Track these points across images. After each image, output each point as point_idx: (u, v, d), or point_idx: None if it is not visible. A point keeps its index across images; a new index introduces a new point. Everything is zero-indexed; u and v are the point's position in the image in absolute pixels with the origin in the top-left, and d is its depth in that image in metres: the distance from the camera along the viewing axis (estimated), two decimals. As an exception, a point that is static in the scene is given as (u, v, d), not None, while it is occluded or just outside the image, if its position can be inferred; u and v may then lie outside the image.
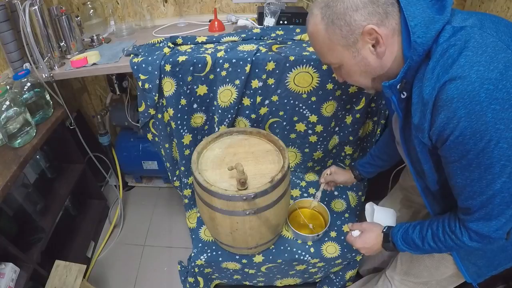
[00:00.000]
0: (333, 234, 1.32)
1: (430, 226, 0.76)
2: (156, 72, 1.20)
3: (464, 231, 0.69)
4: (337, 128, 1.43)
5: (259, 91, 1.30)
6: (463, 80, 0.54)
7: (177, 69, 1.22)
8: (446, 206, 0.79)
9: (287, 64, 1.21)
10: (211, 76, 1.27)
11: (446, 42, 0.58)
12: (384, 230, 0.89)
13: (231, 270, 1.31)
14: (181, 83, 1.25)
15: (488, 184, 0.60)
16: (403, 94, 0.67)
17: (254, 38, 1.36)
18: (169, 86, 1.24)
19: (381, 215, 1.00)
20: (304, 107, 1.33)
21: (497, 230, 0.65)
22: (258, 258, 1.26)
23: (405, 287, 1.07)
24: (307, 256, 1.24)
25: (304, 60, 1.20)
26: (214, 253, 1.29)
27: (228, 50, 1.25)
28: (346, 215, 1.39)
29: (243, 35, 1.36)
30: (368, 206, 1.07)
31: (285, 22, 1.48)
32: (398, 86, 0.66)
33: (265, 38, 1.36)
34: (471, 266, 0.86)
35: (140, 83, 1.24)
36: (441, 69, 0.57)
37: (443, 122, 0.58)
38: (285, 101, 1.32)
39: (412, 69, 0.63)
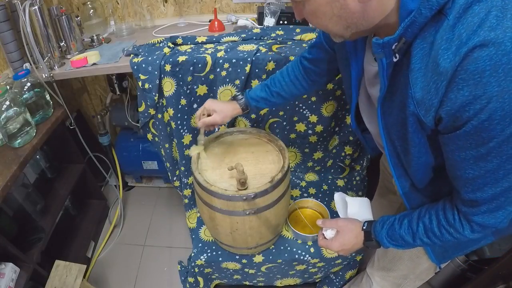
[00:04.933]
0: (333, 234, 1.31)
1: (421, 220, 0.67)
2: (156, 72, 1.20)
3: (466, 224, 0.61)
4: (337, 128, 1.43)
5: (259, 91, 1.30)
6: (497, 47, 0.42)
7: (177, 69, 1.22)
8: (424, 195, 0.72)
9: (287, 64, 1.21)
10: (211, 76, 1.27)
11: None
12: (364, 227, 0.79)
13: (231, 270, 1.31)
14: (181, 83, 1.25)
15: (505, 175, 0.52)
16: (396, 57, 0.53)
17: (254, 38, 1.36)
18: (169, 86, 1.24)
19: (356, 208, 0.87)
20: (304, 107, 1.33)
21: (503, 220, 0.58)
22: (258, 258, 1.26)
23: (386, 283, 1.06)
24: (307, 256, 1.24)
25: (304, 60, 1.20)
26: (214, 253, 1.29)
27: (228, 50, 1.25)
28: (346, 215, 1.39)
29: (243, 35, 1.36)
30: (338, 197, 0.93)
31: (285, 22, 1.48)
32: (393, 46, 0.52)
33: (265, 38, 1.36)
34: (438, 248, 0.82)
35: (140, 83, 1.24)
36: (465, 28, 0.45)
37: (466, 101, 0.46)
38: (285, 101, 1.32)
39: (416, 26, 0.49)
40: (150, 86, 1.23)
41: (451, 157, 0.56)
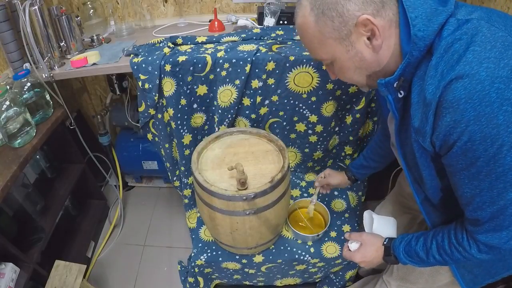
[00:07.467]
0: (333, 234, 1.32)
1: (435, 237, 0.71)
2: (156, 72, 1.20)
3: (473, 243, 0.64)
4: (337, 128, 1.42)
5: (259, 91, 1.30)
6: (471, 78, 0.49)
7: (177, 69, 1.22)
8: (445, 216, 0.75)
9: (287, 64, 1.21)
10: (211, 76, 1.27)
11: (451, 36, 0.53)
12: (385, 242, 0.83)
13: (231, 270, 1.31)
14: (181, 83, 1.25)
15: (499, 194, 0.55)
16: (400, 93, 0.62)
17: (254, 38, 1.36)
18: (169, 86, 1.24)
19: (381, 225, 0.93)
20: (304, 107, 1.33)
21: (508, 241, 0.60)
22: (258, 258, 1.26)
23: None
24: (307, 256, 1.24)
25: (304, 60, 1.20)
26: (214, 253, 1.29)
27: (228, 50, 1.25)
28: (346, 215, 1.39)
29: (243, 35, 1.36)
30: (367, 214, 1.00)
31: (285, 22, 1.48)
32: (395, 84, 0.61)
33: (265, 38, 1.36)
34: (467, 274, 0.82)
35: (140, 83, 1.24)
36: (445, 65, 0.52)
37: (449, 126, 0.53)
38: (285, 101, 1.32)
39: (411, 66, 0.58)
40: (150, 86, 1.23)
41: (451, 178, 0.62)
